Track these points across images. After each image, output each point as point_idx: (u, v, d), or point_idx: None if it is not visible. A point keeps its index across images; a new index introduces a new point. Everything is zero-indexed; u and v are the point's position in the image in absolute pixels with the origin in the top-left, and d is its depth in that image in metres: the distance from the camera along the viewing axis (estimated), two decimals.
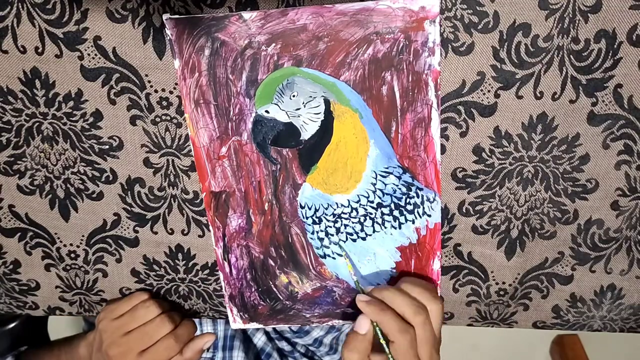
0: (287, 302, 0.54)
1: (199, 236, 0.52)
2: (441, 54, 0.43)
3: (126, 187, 0.50)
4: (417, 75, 0.43)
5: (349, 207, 0.49)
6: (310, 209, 0.49)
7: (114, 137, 0.48)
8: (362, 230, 0.50)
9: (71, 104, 0.47)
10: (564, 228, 0.50)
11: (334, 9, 0.41)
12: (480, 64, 0.43)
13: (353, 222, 0.49)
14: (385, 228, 0.49)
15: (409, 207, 0.48)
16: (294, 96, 0.45)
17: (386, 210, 0.49)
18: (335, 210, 0.49)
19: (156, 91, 0.46)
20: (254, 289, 0.54)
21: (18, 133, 0.49)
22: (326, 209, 0.49)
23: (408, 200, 0.48)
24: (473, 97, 0.45)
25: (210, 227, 0.51)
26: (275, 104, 0.45)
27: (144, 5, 0.43)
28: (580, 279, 0.53)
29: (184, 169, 0.49)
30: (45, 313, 0.59)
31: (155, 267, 0.54)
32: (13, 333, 0.74)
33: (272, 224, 0.50)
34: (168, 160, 0.49)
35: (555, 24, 0.42)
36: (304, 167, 0.48)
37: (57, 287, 0.57)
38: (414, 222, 0.49)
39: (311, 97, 0.45)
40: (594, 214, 0.49)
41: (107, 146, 0.49)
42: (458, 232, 0.51)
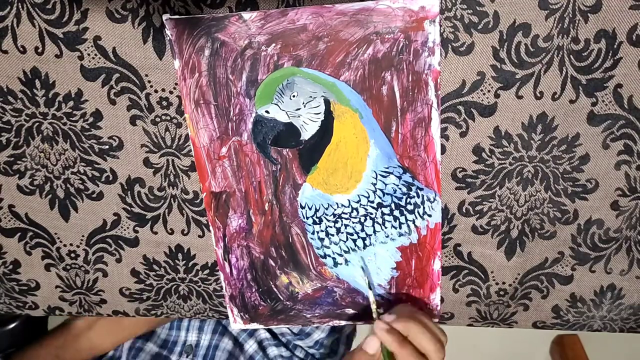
0: (288, 303, 0.54)
1: (199, 236, 0.52)
2: (441, 54, 0.43)
3: (126, 187, 0.50)
4: (417, 75, 0.43)
5: (349, 207, 0.49)
6: (310, 209, 0.49)
7: (114, 137, 0.48)
8: (362, 230, 0.50)
9: (71, 104, 0.47)
10: (564, 228, 0.50)
11: (334, 9, 0.41)
12: (480, 64, 0.43)
13: (353, 222, 0.49)
14: (386, 228, 0.49)
15: (410, 207, 0.48)
16: (294, 96, 0.45)
17: (386, 210, 0.49)
18: (335, 210, 0.49)
19: (156, 91, 0.46)
20: (254, 290, 0.54)
21: (18, 133, 0.49)
22: (326, 209, 0.49)
23: (408, 200, 0.48)
24: (473, 97, 0.45)
25: (210, 227, 0.51)
26: (275, 104, 0.45)
27: (144, 5, 0.43)
28: (580, 279, 0.53)
29: (184, 169, 0.49)
30: (45, 313, 0.59)
31: (155, 267, 0.54)
32: (13, 333, 0.74)
33: (272, 224, 0.50)
34: (168, 160, 0.49)
35: (555, 24, 0.42)
36: (304, 167, 0.48)
37: (57, 287, 0.57)
38: (414, 222, 0.49)
39: (311, 97, 0.45)
40: (594, 214, 0.49)
41: (107, 146, 0.49)
42: (458, 232, 0.51)
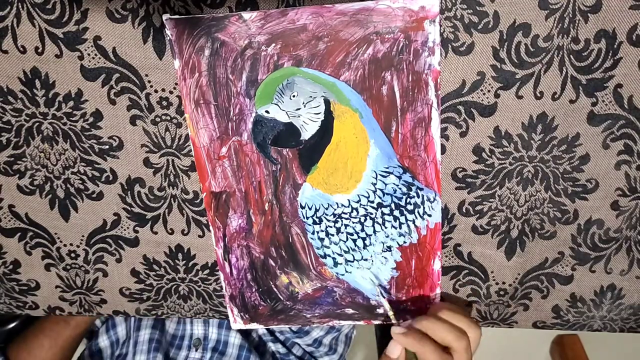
0: (288, 303, 0.54)
1: (199, 236, 0.52)
2: (441, 53, 0.43)
3: (126, 187, 0.50)
4: (417, 75, 0.43)
5: (349, 207, 0.49)
6: (310, 209, 0.49)
7: (114, 137, 0.48)
8: (362, 230, 0.50)
9: (71, 104, 0.47)
10: (564, 228, 0.50)
11: (334, 9, 0.41)
12: (480, 64, 0.43)
13: (353, 222, 0.49)
14: (386, 228, 0.49)
15: (409, 207, 0.48)
16: (294, 96, 0.45)
17: (386, 210, 0.49)
18: (335, 210, 0.49)
19: (156, 91, 0.46)
20: (254, 289, 0.54)
21: (18, 133, 0.49)
22: (326, 209, 0.49)
23: (408, 200, 0.48)
24: (473, 97, 0.45)
25: (210, 227, 0.51)
26: (275, 104, 0.45)
27: (144, 5, 0.43)
28: (580, 279, 0.53)
29: (184, 169, 0.49)
30: (45, 313, 0.59)
31: (155, 267, 0.54)
32: (13, 333, 0.74)
33: (272, 224, 0.50)
34: (168, 160, 0.49)
35: (555, 24, 0.42)
36: (304, 167, 0.48)
37: (57, 287, 0.57)
38: (414, 222, 0.49)
39: (311, 97, 0.45)
40: (594, 214, 0.49)
41: (107, 146, 0.49)
42: (458, 232, 0.51)
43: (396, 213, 0.49)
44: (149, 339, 0.71)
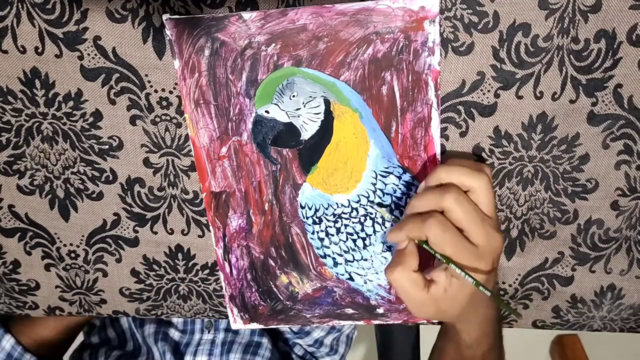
0: (288, 303, 0.54)
1: (199, 236, 0.52)
2: (441, 53, 0.43)
3: (126, 187, 0.50)
4: (417, 75, 0.43)
5: (349, 207, 0.49)
6: (310, 209, 0.49)
7: (113, 137, 0.48)
8: (362, 230, 0.50)
9: (71, 104, 0.47)
10: (564, 228, 0.50)
11: (334, 9, 0.41)
12: (480, 63, 0.43)
13: (353, 222, 0.49)
14: (386, 228, 0.49)
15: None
16: (294, 96, 0.45)
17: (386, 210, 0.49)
18: (335, 210, 0.49)
19: (156, 91, 0.46)
20: (254, 289, 0.54)
21: (18, 133, 0.49)
22: (326, 209, 0.49)
23: (408, 200, 0.48)
24: (473, 97, 0.45)
25: (210, 227, 0.51)
26: (275, 104, 0.45)
27: (144, 5, 0.43)
28: (580, 279, 0.53)
29: (184, 169, 0.49)
30: (45, 313, 0.59)
31: (155, 267, 0.54)
32: None
33: (272, 224, 0.50)
34: (168, 160, 0.49)
35: (555, 24, 0.42)
36: (304, 167, 0.48)
37: (57, 287, 0.57)
38: None
39: (311, 97, 0.45)
40: (593, 214, 0.49)
41: (107, 146, 0.49)
42: None
43: (396, 213, 0.49)
44: (154, 331, 0.71)
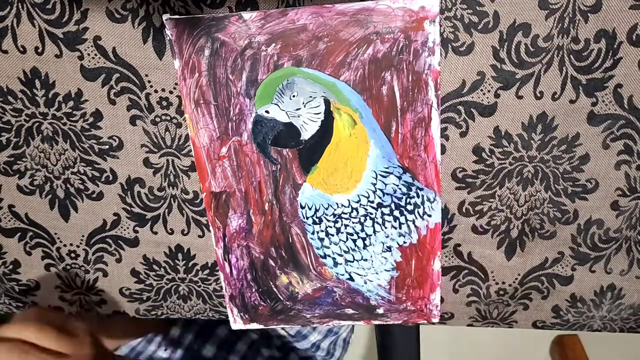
0: (288, 303, 0.54)
1: (199, 236, 0.52)
2: (441, 54, 0.43)
3: (126, 187, 0.50)
4: (417, 75, 0.43)
5: (349, 207, 0.49)
6: (310, 209, 0.49)
7: (113, 137, 0.48)
8: (362, 230, 0.50)
9: (71, 104, 0.47)
10: (564, 228, 0.50)
11: (334, 9, 0.41)
12: (480, 64, 0.43)
13: (353, 222, 0.49)
14: (386, 228, 0.49)
15: (409, 207, 0.48)
16: (294, 96, 0.45)
17: (386, 210, 0.49)
18: (335, 210, 0.49)
19: (156, 91, 0.46)
20: (254, 290, 0.54)
21: (18, 133, 0.49)
22: (326, 209, 0.49)
23: (408, 200, 0.48)
24: (473, 97, 0.45)
25: (210, 227, 0.51)
26: (275, 104, 0.45)
27: (144, 5, 0.43)
28: (580, 279, 0.53)
29: (184, 169, 0.49)
30: None
31: (155, 267, 0.54)
32: None
33: (272, 224, 0.50)
34: (168, 160, 0.49)
35: (555, 24, 0.42)
36: (304, 167, 0.48)
37: (57, 287, 0.57)
38: (414, 222, 0.49)
39: (311, 97, 0.45)
40: (594, 214, 0.49)
41: (107, 146, 0.49)
42: (458, 232, 0.51)
43: (396, 213, 0.49)
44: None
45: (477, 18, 0.42)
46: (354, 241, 0.50)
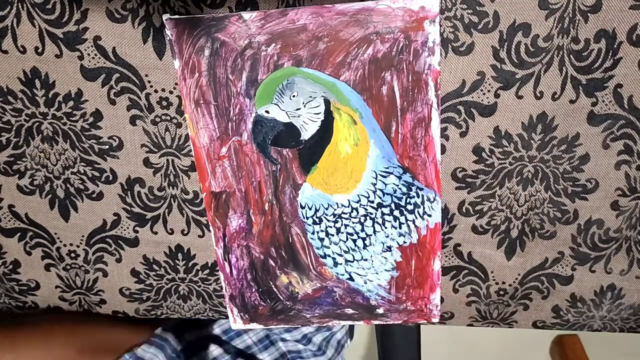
0: (288, 303, 0.54)
1: (199, 236, 0.52)
2: (441, 54, 0.43)
3: (126, 187, 0.50)
4: (417, 75, 0.43)
5: (349, 207, 0.49)
6: (310, 209, 0.49)
7: (113, 137, 0.48)
8: (362, 230, 0.50)
9: (71, 104, 0.47)
10: (564, 228, 0.50)
11: (334, 9, 0.41)
12: (480, 64, 0.43)
13: (353, 222, 0.49)
14: (386, 228, 0.49)
15: (409, 207, 0.48)
16: (294, 96, 0.45)
17: (386, 210, 0.49)
18: (335, 210, 0.49)
19: (156, 91, 0.46)
20: (254, 290, 0.54)
21: (18, 133, 0.49)
22: (326, 209, 0.49)
23: (408, 200, 0.48)
24: (473, 97, 0.45)
25: (210, 227, 0.51)
26: (275, 104, 0.45)
27: (144, 5, 0.43)
28: (580, 279, 0.53)
29: (184, 169, 0.49)
30: (45, 313, 0.59)
31: (155, 267, 0.54)
32: None
33: (272, 224, 0.50)
34: (168, 160, 0.49)
35: (555, 24, 0.42)
36: (304, 167, 0.48)
37: (57, 287, 0.57)
38: (414, 222, 0.49)
39: (311, 97, 0.45)
40: (594, 214, 0.49)
41: (107, 146, 0.49)
42: (458, 232, 0.51)
43: (396, 213, 0.49)
44: None
45: (477, 18, 0.42)
46: (354, 241, 0.50)
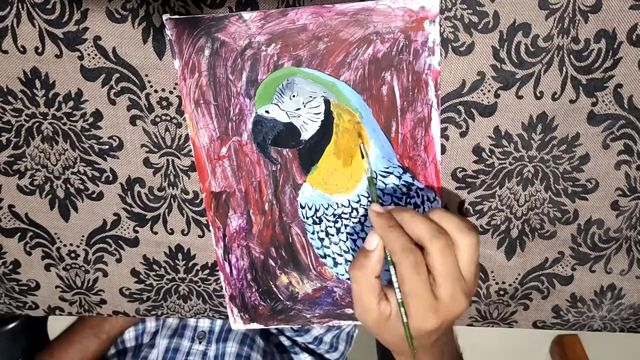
0: (288, 303, 0.54)
1: (199, 236, 0.52)
2: (441, 53, 0.43)
3: (126, 187, 0.50)
4: (417, 75, 0.43)
5: (349, 207, 0.49)
6: (310, 209, 0.49)
7: (114, 137, 0.48)
8: (362, 230, 0.50)
9: (71, 104, 0.47)
10: (564, 228, 0.50)
11: (334, 9, 0.41)
12: (480, 64, 0.43)
13: (353, 222, 0.49)
14: None
15: (410, 207, 0.48)
16: (294, 96, 0.45)
17: None
18: (335, 210, 0.49)
19: (156, 91, 0.46)
20: (254, 290, 0.54)
21: (18, 133, 0.49)
22: (326, 209, 0.49)
23: (408, 200, 0.48)
24: (473, 97, 0.45)
25: (210, 227, 0.51)
26: (275, 104, 0.45)
27: (144, 5, 0.43)
28: (580, 279, 0.53)
29: (184, 169, 0.49)
30: (45, 313, 0.59)
31: (155, 267, 0.54)
32: (13, 333, 0.74)
33: (272, 224, 0.50)
34: (168, 160, 0.49)
35: (555, 24, 0.42)
36: (304, 167, 0.48)
37: (57, 287, 0.57)
38: None
39: (311, 97, 0.45)
40: (594, 214, 0.49)
41: (107, 146, 0.49)
42: None
43: None
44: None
45: (477, 18, 0.42)
46: (354, 241, 0.50)
